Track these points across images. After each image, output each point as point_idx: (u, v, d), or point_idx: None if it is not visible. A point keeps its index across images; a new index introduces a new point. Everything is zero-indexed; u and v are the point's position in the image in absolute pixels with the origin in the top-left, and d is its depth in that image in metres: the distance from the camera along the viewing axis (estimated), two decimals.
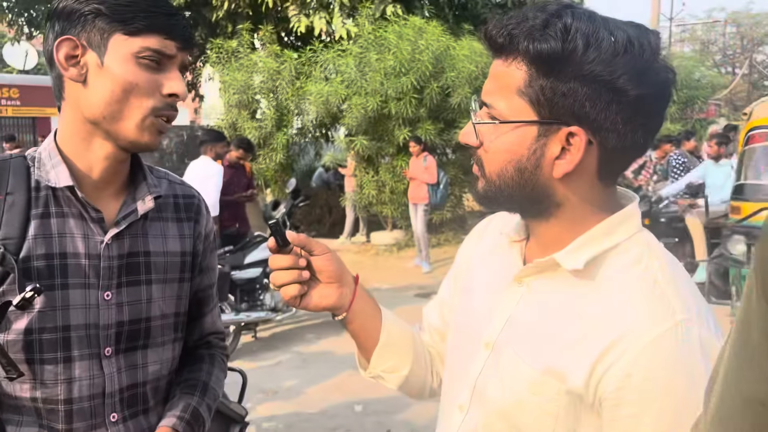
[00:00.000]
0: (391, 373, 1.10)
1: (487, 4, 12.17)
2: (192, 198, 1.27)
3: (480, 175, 0.91)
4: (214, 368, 1.30)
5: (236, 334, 5.30)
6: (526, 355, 0.88)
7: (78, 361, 1.07)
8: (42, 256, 1.04)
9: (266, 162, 9.57)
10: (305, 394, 4.45)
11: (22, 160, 1.09)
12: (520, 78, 0.83)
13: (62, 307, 1.05)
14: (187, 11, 11.42)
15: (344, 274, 1.03)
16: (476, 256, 1.08)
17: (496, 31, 0.84)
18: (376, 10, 9.69)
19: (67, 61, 1.04)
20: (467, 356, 0.98)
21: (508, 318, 0.93)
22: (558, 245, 0.89)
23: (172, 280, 1.19)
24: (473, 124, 0.89)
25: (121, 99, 1.03)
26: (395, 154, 9.26)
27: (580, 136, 0.82)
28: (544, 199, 0.87)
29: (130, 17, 1.03)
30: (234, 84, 9.40)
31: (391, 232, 10.19)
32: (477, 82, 8.67)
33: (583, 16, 0.81)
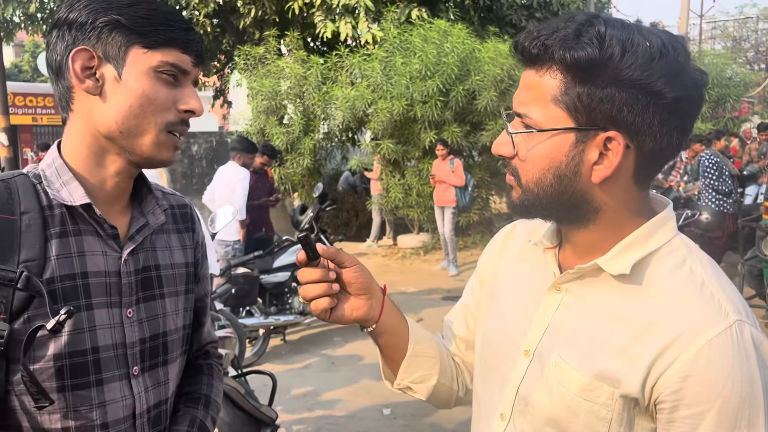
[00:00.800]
0: (419, 384, 1.10)
1: (513, 6, 12.10)
2: (185, 207, 1.25)
3: (516, 184, 0.92)
4: (214, 379, 1.30)
5: (265, 338, 5.35)
6: (573, 360, 0.89)
7: (110, 384, 1.03)
8: (66, 276, 0.99)
9: (293, 167, 9.65)
10: (334, 398, 4.48)
11: (24, 178, 1.03)
12: (555, 86, 0.84)
13: (89, 328, 1.01)
14: (215, 18, 11.60)
15: (373, 286, 1.03)
16: (502, 264, 1.09)
17: (528, 42, 0.85)
18: (401, 14, 9.72)
19: (82, 72, 1.00)
20: (504, 364, 0.99)
21: (548, 324, 0.93)
22: (596, 251, 0.90)
23: (180, 292, 1.17)
24: (510, 135, 0.90)
25: (138, 114, 1.00)
26: (421, 157, 9.26)
27: (618, 141, 0.83)
28: (582, 205, 0.88)
29: (150, 30, 0.99)
30: (261, 90, 9.50)
31: (418, 235, 10.19)
32: (502, 84, 8.63)
33: (616, 24, 0.83)
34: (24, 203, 1.00)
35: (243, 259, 5.37)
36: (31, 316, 0.96)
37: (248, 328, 5.17)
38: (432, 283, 7.88)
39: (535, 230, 1.03)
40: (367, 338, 1.09)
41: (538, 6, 12.43)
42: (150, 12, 1.00)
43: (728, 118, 13.48)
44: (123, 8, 0.99)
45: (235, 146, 6.27)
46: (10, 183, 1.01)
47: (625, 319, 0.86)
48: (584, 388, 0.86)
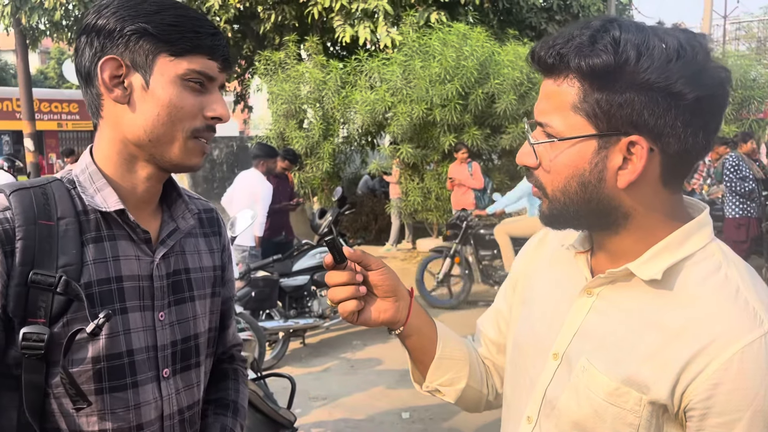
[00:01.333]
0: (448, 387, 1.10)
1: (532, 9, 12.06)
2: (211, 212, 1.26)
3: (542, 195, 0.91)
4: (240, 384, 1.31)
5: (285, 341, 5.38)
6: (601, 365, 0.88)
7: (142, 386, 1.04)
8: (102, 281, 1.01)
9: (313, 171, 9.70)
10: (353, 401, 4.49)
11: (59, 183, 1.04)
12: (573, 94, 0.84)
13: (124, 331, 1.02)
14: (235, 24, 11.71)
15: (400, 289, 1.03)
16: (535, 268, 1.08)
17: (544, 52, 0.85)
18: (420, 18, 9.73)
19: (111, 81, 1.00)
20: (533, 367, 0.98)
21: (578, 328, 0.93)
22: (629, 255, 0.89)
23: (208, 295, 1.18)
24: (531, 145, 0.89)
25: (165, 122, 1.00)
26: (440, 161, 9.26)
27: (642, 144, 0.82)
28: (611, 211, 0.87)
29: (176, 38, 0.99)
30: (281, 95, 9.57)
31: (437, 238, 10.17)
32: (522, 88, 8.60)
33: (631, 27, 0.82)
34: (60, 209, 1.01)
35: (262, 262, 5.41)
36: (70, 320, 0.97)
37: (268, 331, 5.20)
38: None
39: (568, 235, 1.02)
40: (386, 342, 1.10)
41: (558, 9, 12.37)
42: (177, 19, 1.00)
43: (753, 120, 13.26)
44: (150, 15, 0.99)
45: (257, 153, 6.30)
46: (46, 188, 1.02)
47: (656, 325, 0.85)
48: (612, 393, 0.86)
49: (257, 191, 6.01)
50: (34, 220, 0.98)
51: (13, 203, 0.98)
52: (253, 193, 6.00)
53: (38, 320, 0.95)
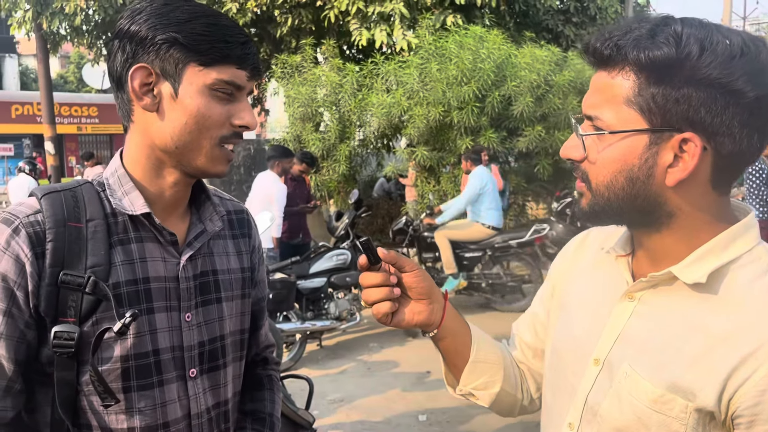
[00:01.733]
0: (482, 390, 1.09)
1: (549, 11, 12.01)
2: (242, 213, 1.27)
3: (586, 189, 0.90)
4: (275, 394, 1.33)
5: (302, 343, 5.41)
6: (644, 371, 0.86)
7: (168, 385, 1.07)
8: (129, 281, 1.03)
9: (329, 173, 9.73)
10: (370, 403, 4.50)
11: (90, 186, 1.07)
12: (628, 88, 0.82)
13: (150, 331, 1.05)
14: (252, 28, 11.78)
15: (434, 291, 1.03)
16: (574, 272, 1.07)
17: (600, 43, 0.84)
18: (436, 21, 9.73)
19: (141, 89, 1.02)
20: (573, 373, 0.97)
21: (620, 334, 0.91)
22: (671, 258, 0.87)
23: (237, 296, 1.19)
24: (580, 137, 0.88)
25: (193, 131, 1.02)
26: (456, 164, 9.24)
27: (695, 142, 0.80)
28: (655, 209, 0.86)
29: (206, 48, 1.00)
30: (298, 98, 9.61)
31: None
32: (539, 90, 8.57)
33: (694, 23, 0.81)
34: (89, 211, 1.04)
35: (280, 264, 5.44)
36: (99, 319, 1.00)
37: (285, 333, 5.23)
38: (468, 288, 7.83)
39: (608, 238, 1.01)
40: (402, 344, 1.11)
41: (575, 11, 12.32)
42: (207, 28, 1.01)
43: None
44: (182, 24, 1.00)
45: (272, 154, 6.35)
46: (76, 191, 1.06)
47: (701, 330, 0.83)
48: (656, 400, 0.84)
49: (271, 193, 6.05)
50: (64, 223, 1.01)
51: (44, 206, 1.01)
52: (267, 195, 6.04)
53: (68, 319, 0.99)
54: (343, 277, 5.70)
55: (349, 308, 5.74)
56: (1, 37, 21.35)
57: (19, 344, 0.99)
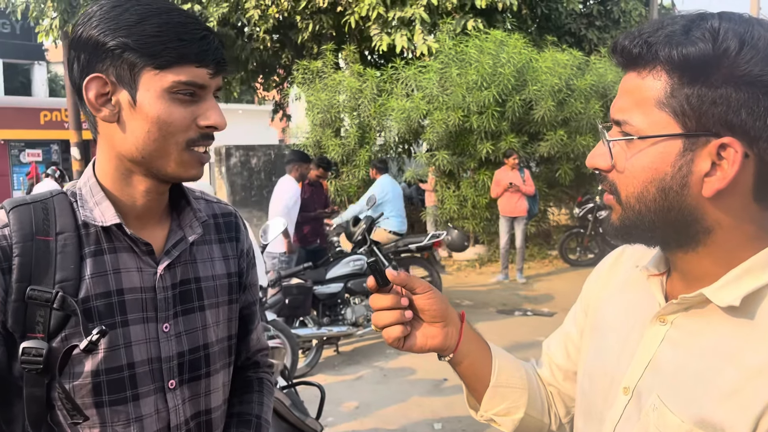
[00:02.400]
0: (504, 417, 1.03)
1: (571, 14, 11.90)
2: (230, 216, 1.23)
3: (615, 202, 0.82)
4: (264, 396, 1.28)
5: (318, 348, 5.39)
6: (673, 403, 0.79)
7: (145, 398, 1.03)
8: (100, 294, 1.00)
9: (349, 178, 9.74)
10: (385, 410, 4.46)
11: (63, 197, 1.04)
12: (659, 89, 0.75)
13: (125, 344, 1.01)
14: (274, 34, 11.88)
15: (449, 313, 0.96)
16: (607, 292, 0.99)
17: (629, 41, 0.77)
18: (456, 26, 9.71)
19: (97, 100, 0.98)
20: (603, 401, 0.90)
21: (650, 360, 0.84)
22: (707, 278, 0.79)
23: (223, 303, 1.16)
24: (607, 143, 0.80)
25: (157, 138, 0.98)
26: (477, 169, 9.19)
27: (735, 148, 0.72)
28: (691, 223, 0.77)
29: (159, 50, 0.94)
30: (318, 103, 9.65)
31: (473, 247, 10.09)
32: (560, 94, 8.49)
33: (733, 17, 0.73)
34: (60, 223, 1.01)
35: (294, 270, 5.44)
36: (68, 335, 0.97)
37: (301, 339, 5.22)
38: (488, 296, 7.77)
39: (644, 255, 0.93)
40: None
41: (598, 14, 12.20)
42: (159, 28, 0.95)
43: None
44: (131, 27, 0.95)
45: (290, 159, 6.43)
46: (47, 203, 1.03)
47: (734, 360, 0.75)
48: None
49: (286, 197, 6.12)
50: (32, 237, 0.98)
51: (11, 220, 0.99)
52: (282, 198, 6.10)
53: (37, 335, 0.96)
54: (359, 282, 5.69)
55: (366, 314, 5.72)
56: (30, 44, 21.82)
57: None
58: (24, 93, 23.55)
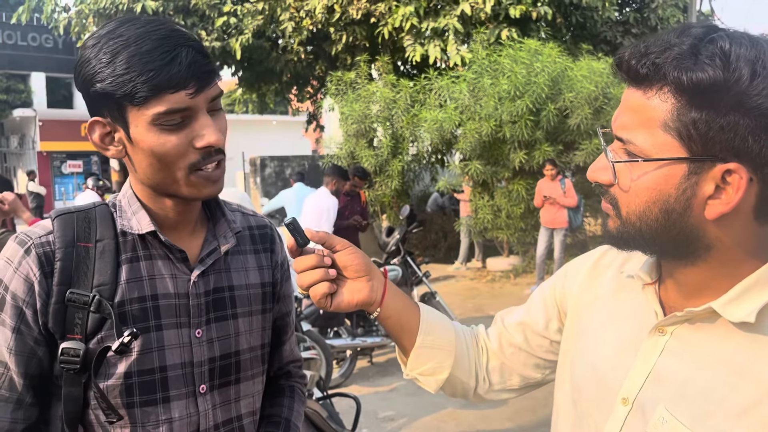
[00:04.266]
0: (428, 377, 1.07)
1: (607, 22, 11.75)
2: (265, 228, 1.27)
3: (614, 214, 0.83)
4: (295, 402, 1.31)
5: (352, 359, 5.39)
6: (684, 417, 0.78)
7: (176, 401, 1.07)
8: (135, 299, 1.05)
9: (382, 189, 9.76)
10: (419, 422, 4.43)
11: (105, 207, 1.10)
12: (665, 111, 0.74)
13: (158, 348, 1.06)
14: (308, 46, 11.99)
15: (372, 268, 1.00)
16: (591, 295, 0.99)
17: (635, 60, 0.76)
18: (490, 35, 9.67)
19: (103, 141, 1.03)
20: (597, 411, 0.90)
21: (651, 371, 0.84)
22: (707, 291, 0.80)
23: (256, 312, 1.19)
24: (612, 163, 0.80)
25: (159, 168, 1.01)
26: (511, 178, 9.12)
27: (741, 174, 0.72)
28: (692, 241, 0.78)
29: (130, 88, 0.94)
30: (352, 114, 9.71)
31: (508, 257, 9.99)
32: (597, 102, 8.38)
33: (744, 40, 0.72)
34: (100, 231, 1.07)
35: None
36: (104, 337, 1.02)
37: (335, 349, 5.22)
38: None
39: (628, 260, 0.93)
40: None
41: (635, 22, 12.03)
42: (127, 65, 0.94)
43: None
44: (105, 68, 0.95)
45: (330, 173, 6.52)
46: (89, 213, 1.09)
47: (750, 375, 0.75)
48: None
49: (323, 206, 6.18)
50: (73, 243, 1.04)
51: (56, 227, 1.05)
52: (319, 208, 6.18)
53: (75, 336, 1.02)
54: None
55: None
56: (72, 59, 22.47)
57: (30, 359, 1.02)
58: (66, 106, 24.25)
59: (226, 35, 11.27)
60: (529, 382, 1.12)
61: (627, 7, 12.60)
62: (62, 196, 20.81)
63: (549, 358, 1.09)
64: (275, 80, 13.41)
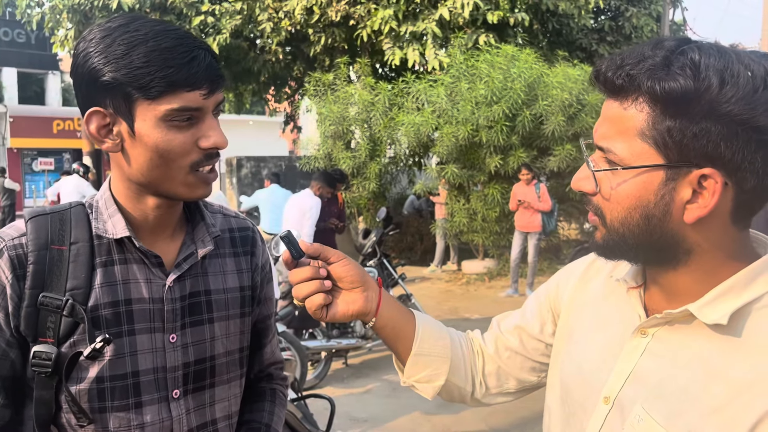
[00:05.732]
0: (425, 384, 1.08)
1: (583, 30, 11.93)
2: (246, 230, 1.25)
3: (600, 224, 0.86)
4: (276, 406, 1.30)
5: (327, 361, 5.38)
6: (659, 415, 0.81)
7: (148, 406, 1.06)
8: (109, 304, 1.03)
9: (359, 191, 9.76)
10: (394, 424, 4.44)
11: (81, 208, 1.08)
12: (641, 120, 0.77)
13: (131, 353, 1.04)
14: (287, 46, 11.96)
15: (366, 278, 1.01)
16: (582, 299, 1.02)
17: (612, 72, 0.79)
18: (468, 40, 9.75)
19: (99, 132, 1.00)
20: (582, 410, 0.93)
21: (631, 372, 0.87)
22: (687, 295, 0.83)
23: (234, 316, 1.18)
24: (593, 172, 0.83)
25: (159, 164, 1.00)
26: (487, 182, 9.19)
27: (715, 179, 0.75)
28: (672, 246, 0.81)
29: (147, 81, 0.95)
30: (330, 116, 9.70)
31: (483, 260, 10.07)
32: (571, 109, 8.50)
33: (712, 51, 0.76)
34: (75, 234, 1.05)
35: None
36: (77, 341, 1.01)
37: (310, 351, 5.22)
38: (497, 310, 7.72)
39: (618, 265, 0.96)
40: None
41: (610, 30, 12.22)
42: (146, 58, 0.95)
43: None
44: (119, 59, 0.95)
45: (318, 178, 6.57)
46: (64, 214, 1.07)
47: (722, 375, 0.78)
48: None
49: (306, 205, 6.23)
50: (47, 246, 1.03)
51: (29, 229, 1.04)
52: (302, 208, 6.21)
53: (47, 340, 1.00)
54: None
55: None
56: (44, 54, 22.07)
57: (2, 361, 1.01)
58: (38, 102, 23.80)
59: (203, 34, 11.18)
60: (525, 386, 1.14)
61: (602, 15, 12.79)
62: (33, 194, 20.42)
63: (544, 361, 1.10)
64: (253, 80, 13.34)
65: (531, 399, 1.10)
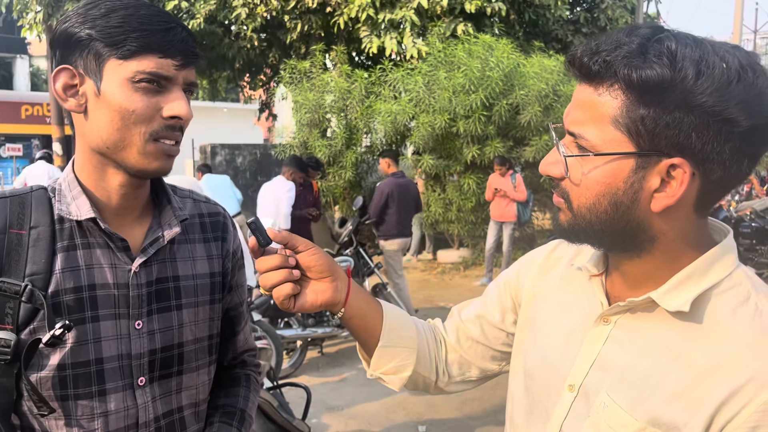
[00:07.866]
0: (392, 375, 1.07)
1: (559, 21, 11.99)
2: (218, 216, 1.23)
3: (566, 207, 0.85)
4: (250, 392, 1.29)
5: (302, 349, 5.38)
6: (624, 402, 0.82)
7: (113, 394, 1.04)
8: (71, 289, 1.01)
9: (335, 179, 9.72)
10: (369, 412, 4.46)
11: (43, 192, 1.06)
12: (615, 107, 0.77)
13: (94, 339, 1.02)
14: (262, 33, 11.81)
15: (335, 268, 0.99)
16: (543, 287, 1.03)
17: (587, 58, 0.78)
18: (446, 29, 9.73)
19: (65, 91, 1.00)
20: (547, 398, 0.93)
21: (595, 359, 0.87)
22: (650, 282, 0.84)
23: (203, 302, 1.15)
24: (564, 157, 0.82)
25: (120, 127, 0.98)
26: (463, 172, 9.22)
27: (684, 169, 0.76)
28: (638, 233, 0.81)
29: (121, 39, 0.95)
30: (306, 103, 9.62)
31: (458, 250, 10.12)
32: (547, 99, 8.55)
33: (688, 41, 0.75)
34: (35, 217, 1.02)
35: None
36: (37, 328, 0.98)
37: (286, 340, 5.20)
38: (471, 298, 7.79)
39: (579, 253, 0.97)
40: None
41: (585, 21, 12.31)
42: (123, 20, 0.97)
43: None
44: (97, 20, 0.97)
45: (288, 163, 6.57)
46: (24, 198, 1.04)
47: (684, 360, 0.79)
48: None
49: (281, 191, 6.23)
50: (5, 230, 1.00)
51: None
52: (276, 196, 6.22)
53: (6, 327, 0.97)
54: None
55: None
56: (12, 38, 21.52)
57: None
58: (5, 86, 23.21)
59: None
60: (486, 374, 1.14)
61: (578, 6, 12.87)
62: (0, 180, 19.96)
63: (506, 350, 1.10)
64: (227, 67, 13.16)
65: (504, 388, 1.10)
